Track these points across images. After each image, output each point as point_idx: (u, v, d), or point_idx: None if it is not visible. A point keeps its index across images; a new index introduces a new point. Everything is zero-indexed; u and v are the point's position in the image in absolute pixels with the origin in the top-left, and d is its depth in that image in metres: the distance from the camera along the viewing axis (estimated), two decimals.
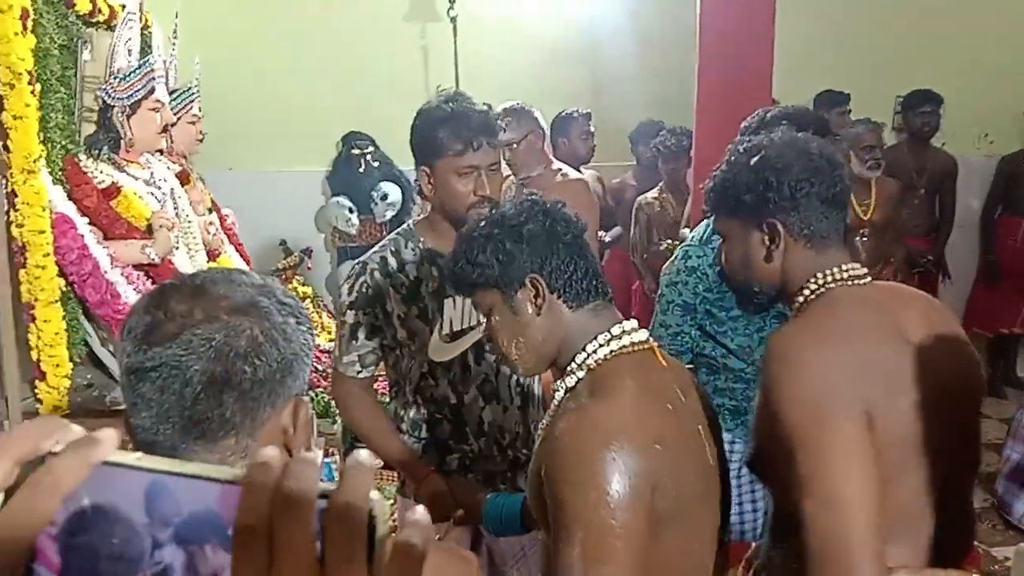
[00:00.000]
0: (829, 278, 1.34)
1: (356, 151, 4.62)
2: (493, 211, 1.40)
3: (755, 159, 1.36)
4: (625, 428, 1.16)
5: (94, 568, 0.41)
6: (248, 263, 3.29)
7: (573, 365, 1.30)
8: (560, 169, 3.41)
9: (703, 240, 2.13)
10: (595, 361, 1.28)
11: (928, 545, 1.30)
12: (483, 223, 1.36)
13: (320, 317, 3.82)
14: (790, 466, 1.18)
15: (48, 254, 2.16)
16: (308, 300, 3.97)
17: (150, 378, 0.85)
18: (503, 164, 1.91)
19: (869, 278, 1.37)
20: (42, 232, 2.15)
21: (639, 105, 4.52)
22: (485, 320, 1.40)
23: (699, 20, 3.19)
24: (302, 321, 0.92)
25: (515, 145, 3.25)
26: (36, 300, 2.17)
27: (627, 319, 1.34)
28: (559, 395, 1.32)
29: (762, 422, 1.27)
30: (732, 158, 1.41)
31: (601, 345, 1.28)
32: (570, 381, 1.30)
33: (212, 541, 0.40)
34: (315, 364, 3.01)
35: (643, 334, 1.32)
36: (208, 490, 0.41)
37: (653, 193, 4.13)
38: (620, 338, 1.29)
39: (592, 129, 4.00)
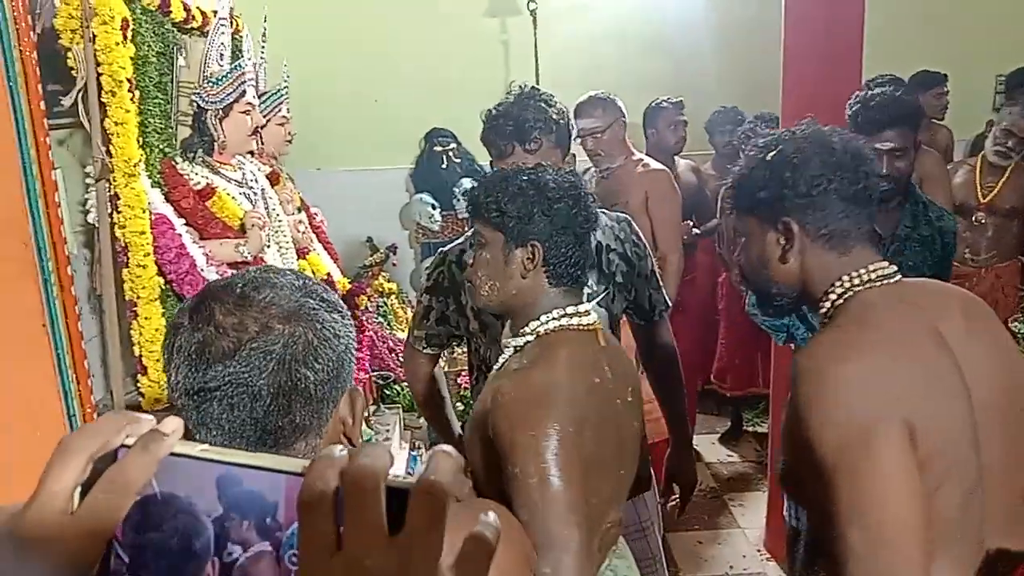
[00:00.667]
0: (856, 280, 1.26)
1: (438, 148, 4.67)
2: (539, 171, 1.49)
3: (772, 154, 1.30)
4: (557, 390, 1.34)
5: (162, 556, 0.43)
6: (336, 260, 3.36)
7: (527, 329, 1.47)
8: (641, 160, 3.39)
9: None
10: (544, 330, 1.45)
11: (977, 556, 1.22)
12: (526, 176, 1.47)
13: (405, 313, 3.88)
14: (828, 492, 1.10)
15: (148, 254, 2.25)
16: (393, 296, 4.04)
17: (215, 397, 0.85)
18: (581, 153, 1.95)
19: (899, 276, 1.28)
20: (143, 233, 2.24)
21: (721, 94, 4.42)
22: (475, 248, 1.53)
23: (784, 4, 3.10)
24: (344, 314, 0.93)
25: (599, 135, 3.25)
26: (138, 298, 2.27)
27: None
28: (508, 352, 1.49)
29: (793, 443, 1.19)
30: (751, 152, 1.35)
31: (553, 318, 1.45)
32: (519, 342, 1.47)
33: (250, 520, 0.43)
34: (400, 358, 3.07)
35: (591, 317, 1.48)
36: (277, 481, 0.42)
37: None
38: (571, 317, 1.46)
39: (683, 118, 3.94)
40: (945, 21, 4.56)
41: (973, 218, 3.61)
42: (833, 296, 1.27)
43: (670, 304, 2.09)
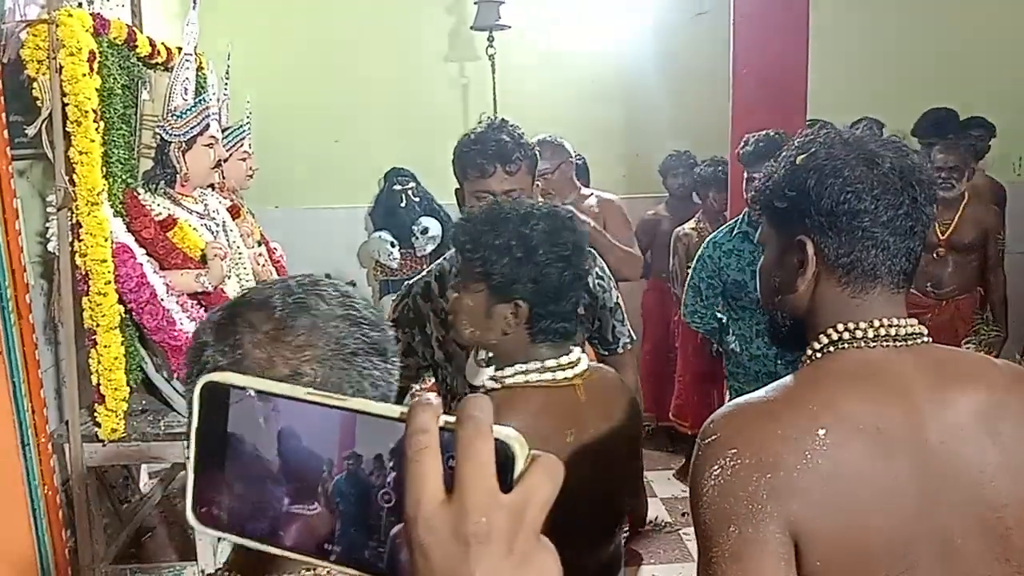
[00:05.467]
0: (858, 333, 1.02)
1: (398, 187, 4.73)
2: (529, 221, 1.41)
3: (802, 156, 1.06)
4: None
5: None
6: None
7: (498, 375, 1.42)
8: (592, 193, 3.56)
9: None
10: (512, 382, 1.39)
11: None
12: (516, 228, 1.39)
13: None
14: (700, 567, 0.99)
15: (109, 282, 2.26)
16: None
17: None
18: (535, 192, 1.99)
19: (925, 339, 1.04)
20: (104, 261, 2.25)
21: (673, 138, 4.58)
22: (457, 288, 1.47)
23: (732, 54, 3.26)
24: (386, 355, 0.84)
25: (548, 175, 3.38)
26: (97, 326, 2.27)
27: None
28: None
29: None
30: (785, 152, 1.12)
31: (523, 372, 1.39)
32: (489, 384, 1.43)
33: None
34: None
35: (576, 369, 1.41)
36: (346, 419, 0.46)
37: (691, 224, 4.19)
38: (551, 371, 1.39)
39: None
40: (886, 67, 4.79)
41: (934, 253, 3.77)
42: (823, 341, 1.05)
43: (633, 338, 2.11)
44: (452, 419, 0.43)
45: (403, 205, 4.71)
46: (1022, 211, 4.74)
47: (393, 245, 4.69)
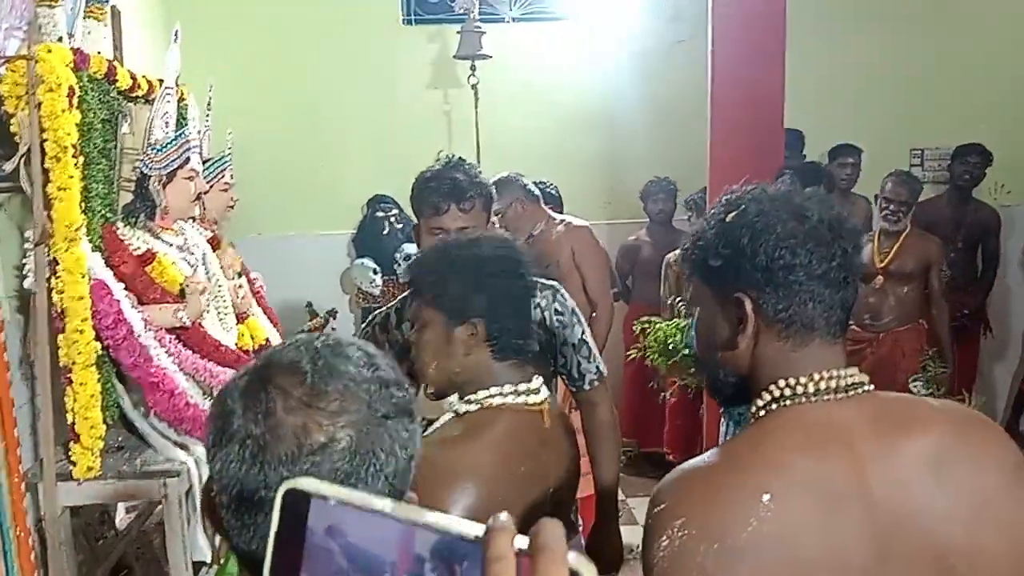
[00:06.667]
0: (799, 388, 1.02)
1: (380, 214, 4.73)
2: (474, 244, 1.49)
3: (732, 214, 1.07)
4: (471, 472, 1.31)
5: None
6: (276, 325, 3.36)
7: (471, 397, 1.45)
8: (563, 220, 3.64)
9: None
10: (486, 404, 1.42)
11: None
12: (462, 251, 1.46)
13: None
14: None
15: (86, 319, 2.23)
16: None
17: (266, 509, 0.75)
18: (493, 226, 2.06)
19: (867, 387, 1.05)
20: (81, 298, 2.22)
21: (652, 165, 4.64)
22: (416, 328, 1.50)
23: (710, 81, 3.29)
24: (411, 415, 0.84)
25: (500, 214, 3.52)
26: (73, 363, 2.24)
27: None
28: (446, 416, 1.48)
29: None
30: (713, 210, 1.12)
31: (500, 394, 1.42)
32: (460, 408, 1.46)
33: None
34: None
35: (541, 395, 1.45)
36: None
37: (680, 250, 4.20)
38: (518, 395, 1.43)
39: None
40: (861, 98, 4.86)
41: (873, 283, 3.81)
42: (765, 399, 1.05)
43: (604, 372, 2.06)
44: (526, 542, 0.45)
45: (386, 232, 4.71)
46: (1002, 236, 4.83)
47: (376, 272, 4.68)
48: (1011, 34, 4.80)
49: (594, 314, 3.58)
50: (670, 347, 3.45)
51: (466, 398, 1.46)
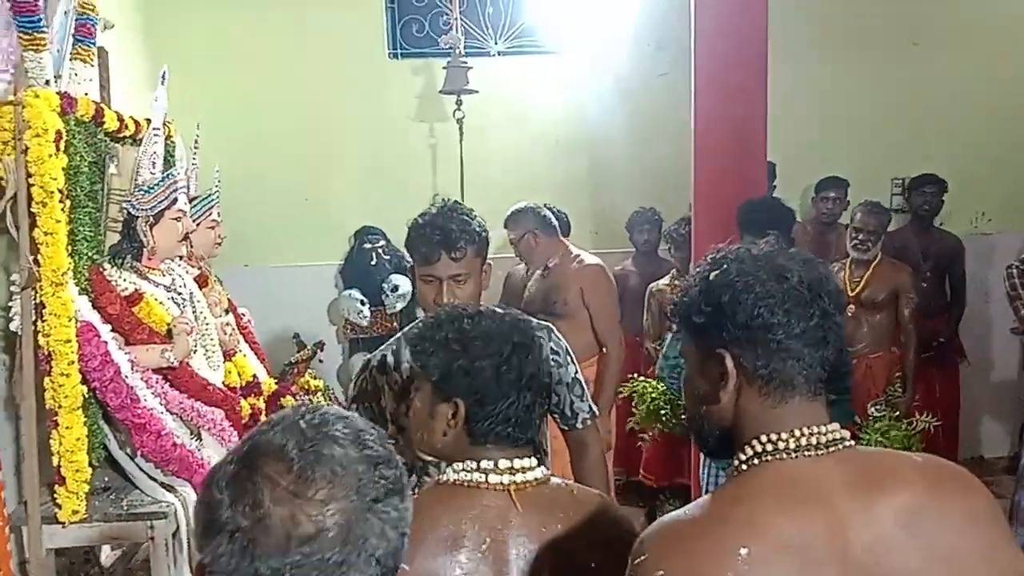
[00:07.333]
0: (780, 444, 1.05)
1: (368, 245, 4.75)
2: (470, 319, 1.41)
3: (715, 273, 1.10)
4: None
5: None
6: (263, 361, 3.36)
7: (440, 469, 1.42)
8: (578, 256, 3.64)
9: None
10: (444, 479, 1.36)
11: None
12: (458, 326, 1.40)
13: None
14: None
15: (73, 362, 2.23)
16: (320, 392, 4.02)
17: None
18: (488, 274, 2.04)
19: (847, 443, 1.07)
20: (68, 342, 2.23)
21: (638, 195, 4.68)
22: (413, 389, 1.46)
23: (694, 112, 3.34)
24: (403, 494, 0.84)
25: (514, 245, 3.66)
26: (59, 407, 2.24)
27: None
28: (430, 481, 1.47)
29: None
30: (697, 268, 1.16)
31: (455, 471, 1.35)
32: (427, 480, 1.44)
33: None
34: None
35: (508, 477, 1.33)
36: None
37: (665, 280, 4.27)
38: (475, 472, 1.33)
39: None
40: (845, 129, 4.93)
41: (846, 311, 3.86)
42: (748, 453, 1.07)
43: (596, 413, 2.09)
44: None
45: (373, 263, 4.73)
46: (985, 263, 4.89)
47: (363, 303, 4.68)
48: (995, 63, 4.88)
49: (604, 349, 3.58)
50: (662, 414, 3.52)
51: (446, 468, 1.41)
